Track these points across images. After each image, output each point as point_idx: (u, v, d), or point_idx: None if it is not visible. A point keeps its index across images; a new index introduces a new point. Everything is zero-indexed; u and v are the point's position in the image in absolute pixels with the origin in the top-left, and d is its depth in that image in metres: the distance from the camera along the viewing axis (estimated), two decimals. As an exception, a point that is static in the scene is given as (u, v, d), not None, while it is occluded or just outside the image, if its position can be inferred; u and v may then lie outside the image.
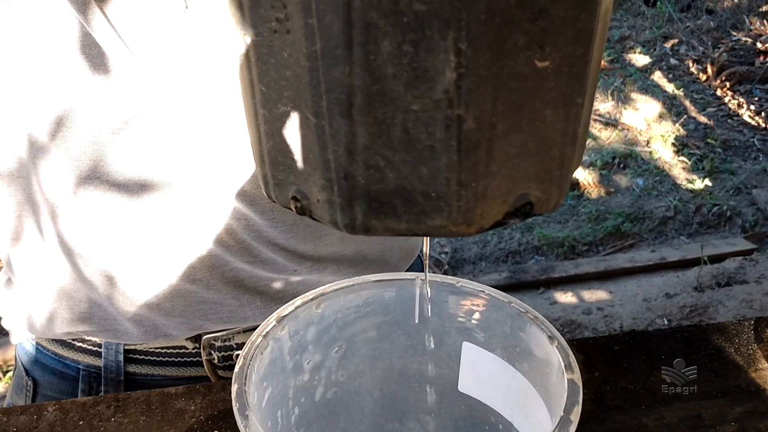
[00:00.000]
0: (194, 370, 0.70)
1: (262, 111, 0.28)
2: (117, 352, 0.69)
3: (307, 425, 0.46)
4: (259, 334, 0.41)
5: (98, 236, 0.62)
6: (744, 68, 3.19)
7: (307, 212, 0.29)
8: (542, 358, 0.42)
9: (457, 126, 0.25)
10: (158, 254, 0.63)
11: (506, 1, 0.23)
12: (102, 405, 0.61)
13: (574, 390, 0.37)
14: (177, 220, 0.62)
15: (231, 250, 0.64)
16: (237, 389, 0.38)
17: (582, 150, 0.30)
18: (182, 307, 0.66)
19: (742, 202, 2.52)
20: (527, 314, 0.43)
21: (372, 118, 0.25)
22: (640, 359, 0.65)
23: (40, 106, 0.56)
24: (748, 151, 2.79)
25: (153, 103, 0.56)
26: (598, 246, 2.39)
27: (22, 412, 0.61)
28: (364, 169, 0.26)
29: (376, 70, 0.24)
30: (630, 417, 0.59)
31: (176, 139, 0.58)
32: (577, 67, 0.26)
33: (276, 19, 0.25)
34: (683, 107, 3.03)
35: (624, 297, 2.11)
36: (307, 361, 0.45)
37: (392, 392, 0.50)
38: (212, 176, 0.60)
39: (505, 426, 0.46)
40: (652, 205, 2.51)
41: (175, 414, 0.60)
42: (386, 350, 0.48)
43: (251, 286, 0.67)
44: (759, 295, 2.02)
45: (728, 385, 0.62)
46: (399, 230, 0.28)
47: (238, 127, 0.57)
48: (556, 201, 0.29)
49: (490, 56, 0.24)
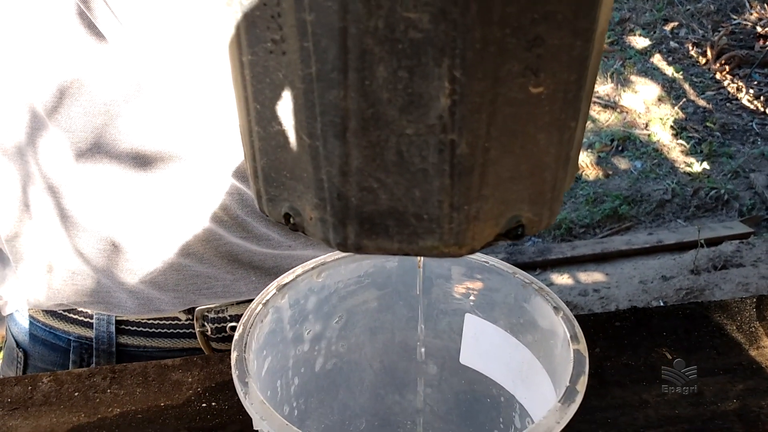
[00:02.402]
0: (187, 342, 0.70)
1: (256, 128, 0.28)
2: (109, 323, 0.68)
3: (307, 396, 0.46)
4: (259, 301, 0.41)
5: (95, 210, 0.62)
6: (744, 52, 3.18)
7: (300, 229, 0.29)
8: (547, 329, 0.41)
9: (450, 150, 0.25)
10: (153, 228, 0.63)
11: (501, 30, 0.23)
12: (98, 376, 0.61)
13: (581, 360, 0.37)
14: (172, 194, 0.61)
15: (225, 225, 0.63)
16: (236, 356, 0.37)
17: (575, 170, 0.30)
18: (176, 281, 0.65)
19: (739, 186, 2.51)
20: (532, 285, 0.42)
21: (366, 141, 0.26)
22: (641, 335, 0.64)
23: (39, 79, 0.55)
24: (747, 135, 2.79)
25: (150, 78, 0.55)
26: (595, 228, 2.39)
27: (16, 383, 0.60)
28: (358, 190, 0.27)
29: (370, 95, 0.25)
30: (631, 393, 0.58)
31: (173, 115, 0.57)
32: (571, 92, 0.26)
33: (272, 40, 0.25)
34: (682, 90, 3.02)
35: (620, 279, 2.11)
36: (307, 330, 0.45)
37: (393, 364, 0.49)
38: (207, 152, 0.60)
39: (507, 398, 0.45)
40: (649, 188, 2.51)
41: (172, 386, 0.59)
42: (387, 321, 0.48)
43: (245, 261, 0.66)
44: (755, 278, 2.02)
45: (730, 362, 0.61)
46: (390, 250, 0.28)
47: (233, 104, 0.57)
48: (547, 222, 0.29)
49: (484, 83, 0.24)
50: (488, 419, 0.48)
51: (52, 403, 0.58)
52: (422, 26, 0.23)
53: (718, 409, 0.56)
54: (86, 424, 0.56)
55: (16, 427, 0.56)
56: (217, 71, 0.55)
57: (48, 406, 0.58)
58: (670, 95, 2.99)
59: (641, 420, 0.56)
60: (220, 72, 0.55)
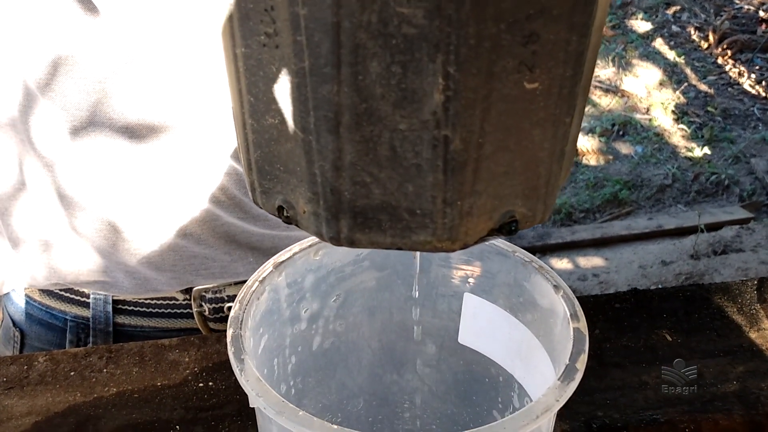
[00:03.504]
0: (184, 322, 0.69)
1: (250, 121, 0.28)
2: (105, 302, 0.68)
3: (304, 375, 0.45)
4: (256, 279, 0.40)
5: (93, 187, 0.61)
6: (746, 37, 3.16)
7: (293, 222, 0.30)
8: (546, 307, 0.40)
9: (444, 146, 0.25)
10: (150, 207, 0.62)
11: (496, 25, 0.23)
12: (94, 356, 0.60)
13: (580, 339, 0.36)
14: (168, 173, 0.60)
15: (222, 205, 0.63)
16: (233, 334, 0.36)
17: (570, 165, 0.30)
18: (173, 261, 0.64)
19: (740, 171, 2.51)
20: (532, 263, 0.41)
21: (359, 136, 0.25)
22: (641, 317, 0.64)
23: (32, 53, 0.55)
24: (748, 120, 2.78)
25: (144, 53, 0.55)
26: (595, 213, 2.38)
27: (12, 362, 0.60)
28: (351, 184, 0.27)
29: (364, 90, 0.25)
30: (630, 374, 0.58)
31: (168, 90, 0.57)
32: (567, 87, 0.26)
33: (265, 33, 0.25)
34: (684, 75, 3.01)
35: (620, 264, 2.11)
36: (304, 309, 0.44)
37: (391, 343, 0.49)
38: (203, 128, 0.59)
39: (506, 378, 0.45)
40: (650, 173, 2.50)
41: (169, 366, 0.59)
42: (385, 301, 0.47)
43: (243, 242, 0.66)
44: (755, 264, 2.02)
45: (730, 344, 0.61)
46: (383, 244, 0.28)
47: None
48: (541, 217, 0.29)
49: (478, 79, 0.24)
50: (486, 399, 0.48)
51: (48, 382, 0.58)
52: (416, 21, 0.23)
53: (718, 391, 0.56)
54: (82, 403, 0.56)
55: (12, 407, 0.55)
56: (211, 46, 0.54)
57: (44, 385, 0.57)
58: (671, 80, 2.97)
59: (641, 401, 0.55)
60: (215, 47, 0.54)
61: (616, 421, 0.54)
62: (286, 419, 0.32)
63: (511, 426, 0.31)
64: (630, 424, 0.53)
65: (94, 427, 0.54)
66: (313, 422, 0.31)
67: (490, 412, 0.48)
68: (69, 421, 0.54)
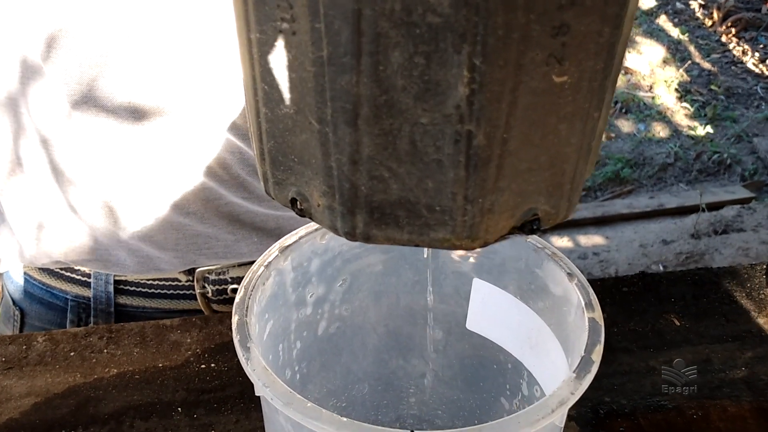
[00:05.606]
0: (187, 303, 0.68)
1: (264, 110, 0.27)
2: (107, 282, 0.67)
3: (309, 360, 0.45)
4: (261, 263, 0.39)
5: (91, 164, 0.60)
6: (750, 14, 3.13)
7: (307, 214, 0.29)
8: (559, 295, 0.39)
9: (467, 141, 0.24)
10: (151, 184, 0.61)
11: (525, 15, 0.22)
12: (94, 336, 0.59)
13: (596, 329, 0.35)
14: (169, 149, 0.59)
15: (225, 184, 0.62)
16: (238, 320, 0.35)
17: (595, 158, 0.29)
18: (176, 240, 0.63)
19: (742, 151, 2.49)
20: (545, 250, 0.40)
21: (378, 129, 0.24)
22: (649, 301, 0.63)
23: (29, 27, 0.53)
24: (751, 99, 2.76)
25: (144, 28, 0.53)
26: (596, 191, 2.37)
27: (11, 342, 0.59)
28: (368, 179, 0.26)
29: (384, 81, 0.23)
30: (638, 359, 0.57)
31: (168, 66, 0.55)
32: (597, 81, 0.24)
33: (281, 18, 0.24)
34: (688, 52, 2.98)
35: (620, 243, 2.10)
36: (310, 294, 0.43)
37: (397, 328, 0.48)
38: (204, 106, 0.58)
39: (515, 365, 0.44)
40: (652, 151, 2.48)
41: (170, 346, 0.58)
42: (392, 285, 0.46)
43: (247, 222, 0.64)
44: (755, 243, 2.01)
45: (739, 329, 0.60)
46: (400, 240, 0.27)
47: (230, 59, 0.56)
48: (565, 214, 0.28)
49: (505, 72, 0.23)
50: (494, 385, 0.47)
51: (47, 362, 0.57)
52: (442, 10, 0.22)
53: (726, 377, 0.55)
54: (82, 384, 0.55)
55: (11, 387, 0.55)
56: (214, 22, 0.53)
57: (43, 365, 0.57)
58: (675, 57, 2.95)
59: (648, 387, 0.55)
60: (216, 23, 0.53)
61: (624, 407, 0.53)
62: (293, 410, 0.31)
63: (525, 420, 0.30)
64: (637, 409, 0.53)
65: (94, 409, 0.53)
66: (321, 414, 0.30)
67: (498, 398, 0.47)
68: (69, 402, 0.53)
